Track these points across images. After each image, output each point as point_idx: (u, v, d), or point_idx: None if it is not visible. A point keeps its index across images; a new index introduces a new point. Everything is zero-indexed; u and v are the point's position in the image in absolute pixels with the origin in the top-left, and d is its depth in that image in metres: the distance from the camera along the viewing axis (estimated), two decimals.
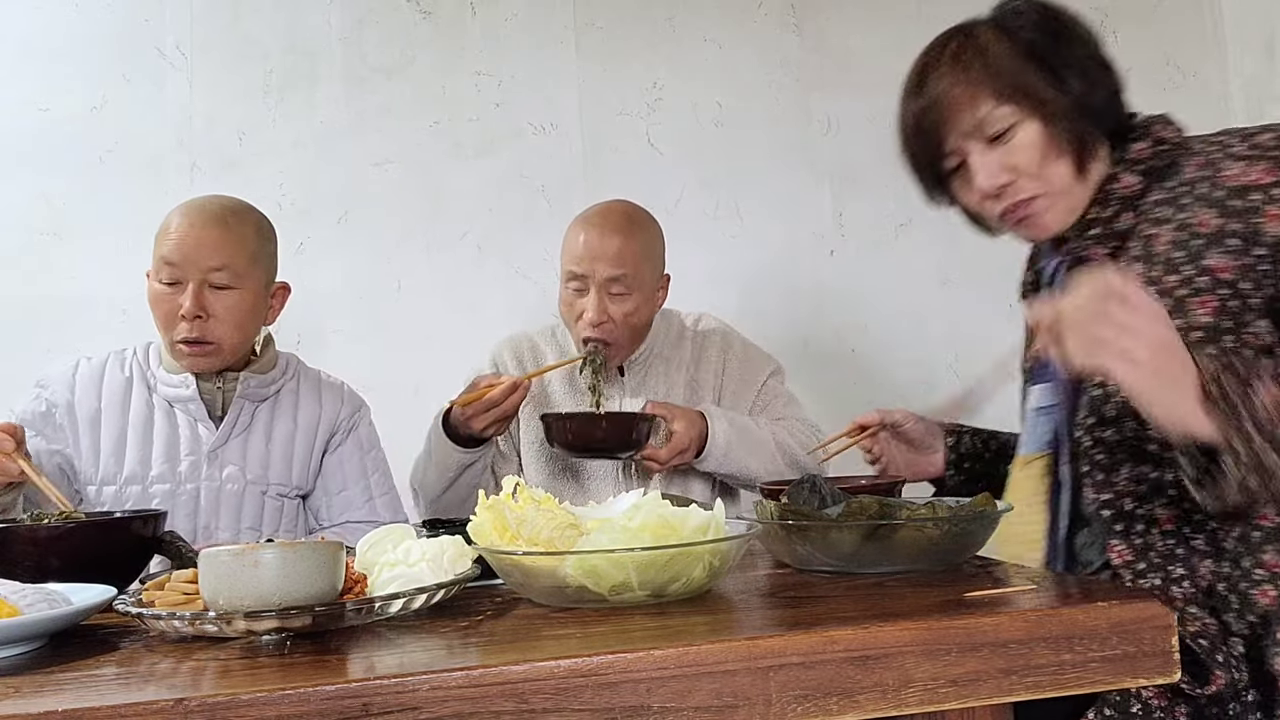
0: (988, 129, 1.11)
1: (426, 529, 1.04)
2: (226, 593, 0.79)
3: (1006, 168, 1.11)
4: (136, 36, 2.19)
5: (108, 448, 1.54)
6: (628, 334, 1.75)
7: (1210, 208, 1.00)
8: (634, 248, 1.72)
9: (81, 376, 1.58)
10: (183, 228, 1.51)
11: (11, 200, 2.11)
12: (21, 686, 0.70)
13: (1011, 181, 1.11)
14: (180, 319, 1.50)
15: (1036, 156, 1.10)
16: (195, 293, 1.50)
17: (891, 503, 0.98)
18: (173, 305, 1.51)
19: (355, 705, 0.64)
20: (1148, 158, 1.09)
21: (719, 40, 2.39)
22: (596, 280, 1.70)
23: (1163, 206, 1.06)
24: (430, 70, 2.28)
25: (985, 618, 0.73)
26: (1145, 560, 1.03)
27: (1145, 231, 1.07)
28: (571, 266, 1.73)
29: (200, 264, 1.50)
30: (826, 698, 0.69)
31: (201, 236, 1.51)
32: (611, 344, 1.74)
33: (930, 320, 2.43)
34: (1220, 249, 0.99)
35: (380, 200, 2.25)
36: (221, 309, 1.52)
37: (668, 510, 0.89)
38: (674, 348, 1.85)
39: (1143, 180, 1.09)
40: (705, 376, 1.83)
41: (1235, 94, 2.39)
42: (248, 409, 1.60)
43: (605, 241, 1.70)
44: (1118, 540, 1.04)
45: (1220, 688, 0.95)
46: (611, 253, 1.69)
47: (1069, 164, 1.10)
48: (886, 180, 2.42)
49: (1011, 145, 1.11)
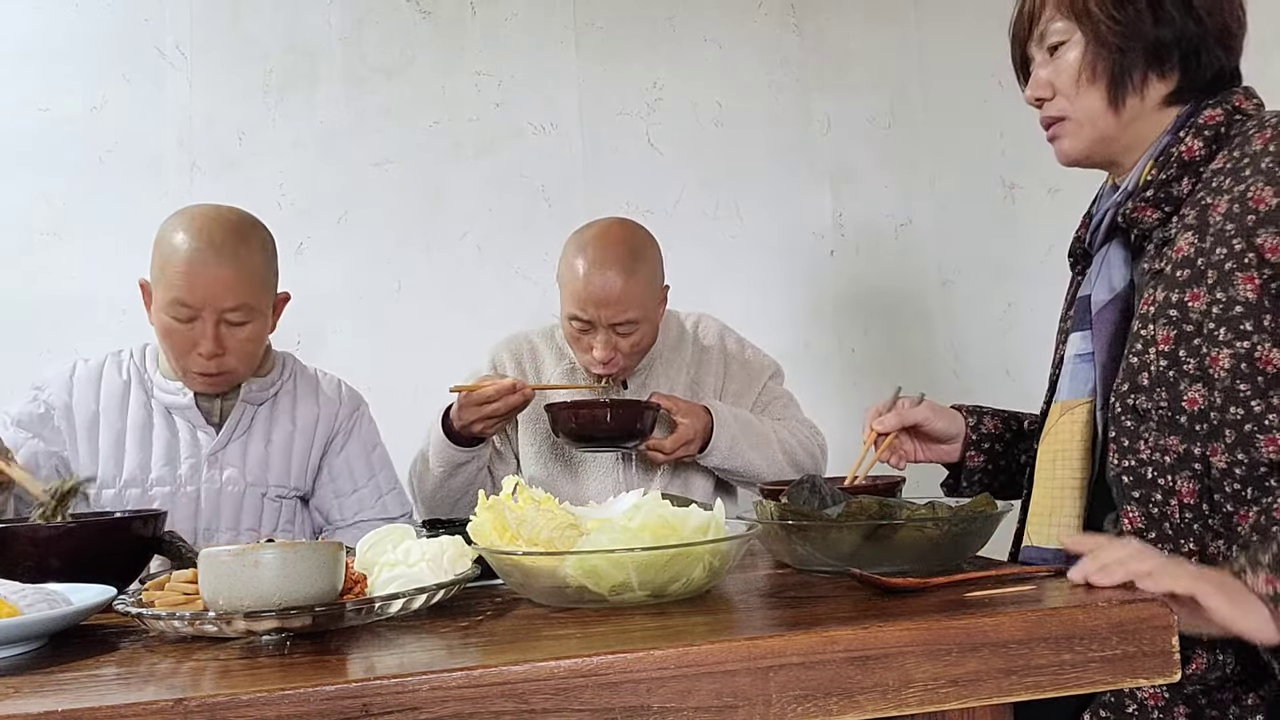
0: (1047, 39, 1.14)
1: (426, 529, 1.04)
2: (226, 593, 0.79)
3: (1047, 82, 1.15)
4: (136, 36, 2.19)
5: (106, 451, 1.54)
6: (635, 360, 1.76)
7: (1270, 185, 0.99)
8: (638, 287, 1.65)
9: (79, 379, 1.58)
10: (194, 265, 1.44)
11: (11, 200, 2.11)
12: (21, 686, 0.70)
13: (1050, 97, 1.15)
14: (197, 355, 1.48)
15: (1073, 77, 1.12)
16: (214, 334, 1.47)
17: (891, 503, 0.98)
18: (187, 339, 1.48)
19: (355, 705, 0.64)
20: (1217, 124, 1.08)
21: (719, 40, 2.39)
22: (602, 324, 1.66)
23: (1223, 176, 1.04)
24: (430, 70, 2.28)
25: (985, 618, 0.73)
26: (1157, 530, 1.02)
27: (1203, 200, 1.05)
28: (575, 310, 1.66)
29: (216, 305, 1.46)
30: (826, 698, 0.69)
31: (216, 276, 1.45)
32: (619, 371, 1.74)
33: (930, 320, 2.43)
34: (1273, 228, 0.98)
35: (380, 200, 2.25)
36: (236, 342, 1.50)
37: (668, 510, 0.89)
38: (674, 350, 1.84)
39: (1206, 147, 1.07)
40: (706, 378, 1.83)
41: None
42: (248, 412, 1.60)
43: (608, 285, 1.63)
44: (1132, 507, 1.03)
45: (1200, 670, 0.95)
46: (615, 297, 1.63)
47: (1101, 94, 1.11)
48: (886, 180, 2.43)
49: (1058, 61, 1.14)
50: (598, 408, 1.62)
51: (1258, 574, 0.89)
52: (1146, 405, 1.04)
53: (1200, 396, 1.00)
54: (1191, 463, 1.01)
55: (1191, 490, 1.01)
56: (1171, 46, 1.09)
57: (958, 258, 2.43)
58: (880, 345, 2.41)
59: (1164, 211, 1.09)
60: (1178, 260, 1.04)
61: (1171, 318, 1.03)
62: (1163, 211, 1.09)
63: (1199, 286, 1.01)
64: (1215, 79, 1.11)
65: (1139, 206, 1.10)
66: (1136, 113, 1.11)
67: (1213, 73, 1.10)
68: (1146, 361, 1.04)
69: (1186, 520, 1.01)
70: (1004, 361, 2.24)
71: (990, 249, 2.44)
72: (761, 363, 1.87)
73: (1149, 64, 1.10)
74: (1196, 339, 1.01)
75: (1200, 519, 1.00)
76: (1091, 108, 1.12)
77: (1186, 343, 1.01)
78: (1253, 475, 0.97)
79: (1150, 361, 1.04)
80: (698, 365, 1.84)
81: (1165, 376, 1.02)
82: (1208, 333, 1.00)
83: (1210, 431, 0.99)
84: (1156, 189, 1.09)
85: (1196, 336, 1.01)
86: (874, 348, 2.40)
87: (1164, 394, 1.02)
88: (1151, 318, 1.05)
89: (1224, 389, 0.98)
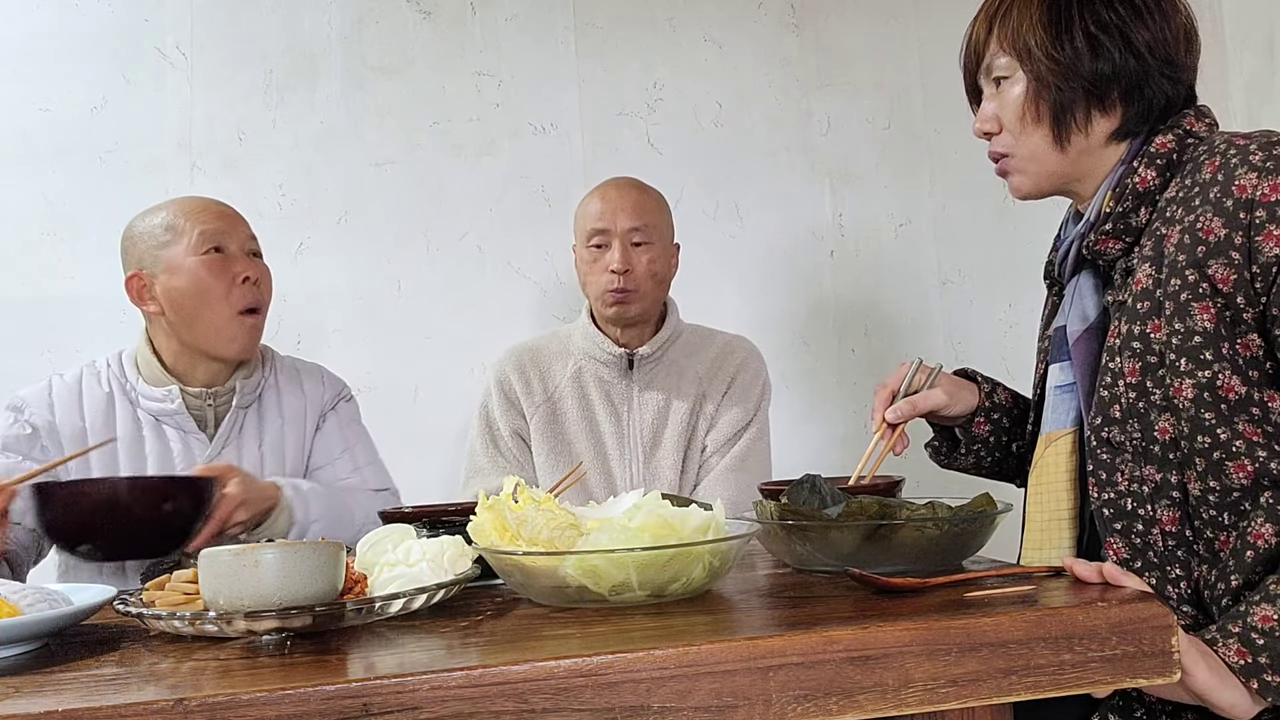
0: (993, 72, 1.15)
1: (426, 529, 1.04)
2: (226, 593, 0.79)
3: (994, 116, 1.15)
4: (136, 36, 2.19)
5: (98, 468, 1.51)
6: (650, 284, 1.80)
7: (1218, 215, 0.99)
8: (649, 202, 1.83)
9: (58, 395, 1.54)
10: (209, 205, 1.59)
11: (11, 200, 2.11)
12: (21, 686, 0.70)
13: (997, 131, 1.15)
14: (237, 287, 1.55)
15: (1017, 114, 1.12)
16: (248, 264, 1.58)
17: (891, 503, 0.98)
18: (226, 272, 1.55)
19: (355, 705, 0.64)
20: (1168, 151, 1.08)
21: (719, 40, 2.39)
22: (618, 232, 1.78)
23: (1175, 206, 1.05)
24: (430, 70, 2.28)
25: (985, 618, 0.73)
26: (1142, 559, 1.03)
27: (1158, 230, 1.06)
28: (592, 224, 1.80)
29: (243, 244, 1.60)
30: (826, 698, 0.69)
31: (238, 217, 1.61)
32: (634, 293, 1.78)
33: (930, 320, 2.43)
34: (1222, 259, 0.98)
35: (380, 200, 2.25)
36: (264, 279, 1.62)
37: (668, 510, 0.89)
38: (690, 358, 1.85)
39: (1159, 176, 1.07)
40: (711, 399, 1.83)
41: (1235, 94, 2.39)
42: (239, 417, 1.59)
43: (623, 196, 1.81)
44: (1115, 539, 1.04)
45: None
46: (630, 205, 1.80)
47: (1045, 134, 1.11)
48: (886, 180, 2.43)
49: (1003, 95, 1.14)
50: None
51: (1229, 645, 0.91)
52: (1120, 437, 1.05)
53: (1170, 426, 1.01)
54: (1170, 491, 1.02)
55: (1173, 518, 1.02)
56: (1111, 83, 1.08)
57: (958, 258, 2.43)
58: (880, 345, 2.41)
59: (1125, 242, 1.10)
60: (1138, 292, 1.05)
61: (1135, 350, 1.04)
62: (1124, 242, 1.10)
63: (1159, 318, 1.02)
64: (1166, 108, 1.10)
65: (1100, 239, 1.11)
66: (1082, 148, 1.11)
67: (1161, 104, 1.10)
68: (1117, 394, 1.05)
69: (1170, 547, 1.02)
70: (1004, 361, 2.23)
71: (990, 249, 2.43)
72: (748, 410, 1.83)
73: (1090, 101, 1.09)
74: (1160, 370, 1.02)
75: (1184, 545, 1.01)
76: (1036, 146, 1.12)
77: (1152, 374, 1.02)
78: (1227, 501, 0.99)
79: (1120, 394, 1.05)
80: (711, 379, 1.83)
81: (1135, 408, 1.03)
82: (1170, 363, 1.01)
83: (1183, 460, 1.00)
84: (1115, 221, 1.09)
85: (1160, 367, 1.02)
86: (874, 348, 2.40)
87: (1136, 425, 1.03)
88: (1118, 350, 1.05)
89: (1189, 418, 0.99)
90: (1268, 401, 0.98)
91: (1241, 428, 0.98)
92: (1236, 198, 0.99)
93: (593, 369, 1.82)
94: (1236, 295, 0.98)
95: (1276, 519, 0.96)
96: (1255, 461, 0.97)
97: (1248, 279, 0.97)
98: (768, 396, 1.87)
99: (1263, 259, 0.97)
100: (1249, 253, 0.97)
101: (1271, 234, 0.96)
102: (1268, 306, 0.97)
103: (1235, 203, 0.98)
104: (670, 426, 1.80)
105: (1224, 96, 2.41)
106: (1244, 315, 0.98)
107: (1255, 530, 0.97)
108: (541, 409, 1.81)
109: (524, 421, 1.83)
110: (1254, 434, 0.97)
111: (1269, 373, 0.99)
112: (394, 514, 1.22)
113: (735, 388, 1.83)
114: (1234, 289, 0.98)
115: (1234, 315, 0.98)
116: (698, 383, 1.83)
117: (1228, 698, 0.89)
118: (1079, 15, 1.08)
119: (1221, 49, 2.41)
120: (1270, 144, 1.00)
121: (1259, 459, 0.97)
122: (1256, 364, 0.98)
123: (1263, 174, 0.98)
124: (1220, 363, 0.98)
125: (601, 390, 1.82)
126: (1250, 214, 0.97)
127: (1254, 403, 0.98)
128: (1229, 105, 2.37)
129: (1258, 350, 0.98)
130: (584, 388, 1.82)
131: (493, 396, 1.85)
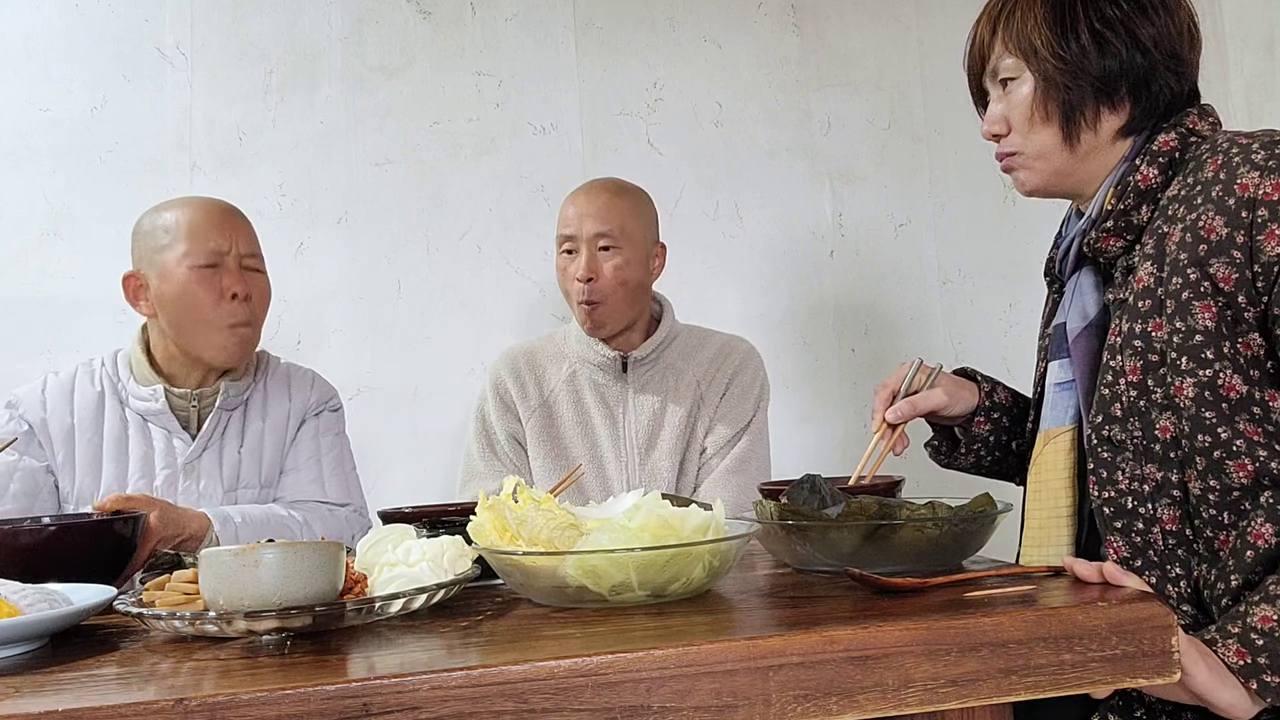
0: (999, 74, 1.15)
1: (426, 529, 1.04)
2: (226, 593, 0.79)
3: (1002, 117, 1.16)
4: (136, 36, 2.19)
5: (83, 465, 1.53)
6: (620, 293, 1.75)
7: (1219, 214, 0.99)
8: (621, 205, 1.77)
9: (51, 393, 1.56)
10: (213, 215, 1.57)
11: (11, 200, 2.12)
12: (21, 686, 0.70)
13: (1005, 133, 1.16)
14: (226, 302, 1.54)
15: (1025, 114, 1.13)
16: (240, 278, 1.57)
17: (891, 503, 0.98)
18: (215, 287, 1.53)
19: (355, 705, 0.64)
20: (1171, 150, 1.08)
21: (719, 40, 2.39)
22: (585, 238, 1.74)
23: (1177, 204, 1.05)
24: (430, 70, 2.28)
25: (985, 618, 0.73)
26: (1143, 558, 1.03)
27: (1160, 229, 1.06)
28: (561, 230, 1.78)
29: (239, 251, 1.59)
30: (826, 698, 0.69)
31: (240, 225, 1.60)
32: (601, 304, 1.74)
33: (930, 320, 2.43)
34: (1224, 258, 0.98)
35: (380, 200, 2.25)
36: (259, 289, 1.61)
37: (668, 510, 0.89)
38: (686, 360, 1.84)
39: (1162, 174, 1.08)
40: (709, 402, 1.82)
41: (1235, 94, 2.39)
42: (223, 418, 1.59)
43: (591, 201, 1.77)
44: (1115, 537, 1.04)
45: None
46: (596, 210, 1.75)
47: (1055, 132, 1.11)
48: (886, 180, 2.43)
49: (1010, 96, 1.14)
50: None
51: (1228, 645, 0.91)
52: (1121, 436, 1.05)
53: (1171, 424, 1.01)
54: (1170, 489, 1.02)
55: (1173, 516, 1.02)
56: (1119, 79, 1.09)
57: (958, 258, 2.43)
58: (880, 345, 2.40)
59: (1126, 240, 1.10)
60: (1139, 290, 1.05)
61: (1137, 348, 1.04)
62: (1125, 240, 1.10)
63: (1160, 316, 1.02)
64: (1171, 104, 1.11)
65: (1101, 236, 1.11)
66: (1091, 146, 1.12)
67: (1167, 99, 1.10)
68: (1118, 392, 1.05)
69: (1170, 546, 1.02)
70: (1004, 361, 2.23)
71: (990, 249, 2.43)
72: (743, 416, 1.83)
73: (1098, 98, 1.10)
74: (1161, 368, 1.02)
75: (1184, 544, 1.02)
76: (1046, 145, 1.13)
77: (1153, 372, 1.02)
78: (1227, 500, 0.99)
79: (1121, 392, 1.05)
80: (709, 383, 1.83)
81: (1136, 406, 1.03)
82: (1171, 362, 1.01)
83: (1183, 459, 1.00)
84: (1116, 219, 1.09)
85: (1161, 366, 1.02)
86: (874, 347, 2.40)
87: (1137, 423, 1.03)
88: (1119, 348, 1.06)
89: (1190, 417, 0.99)
90: (1268, 401, 0.98)
91: (1242, 427, 0.98)
92: (1239, 196, 0.99)
93: (587, 372, 1.82)
94: (1238, 294, 0.98)
95: (1277, 518, 0.96)
96: (1255, 461, 0.97)
97: (1249, 278, 0.98)
98: (766, 397, 1.87)
99: (1264, 258, 0.97)
100: (1250, 252, 0.97)
101: (1273, 233, 0.96)
102: (1269, 306, 0.97)
103: (1237, 201, 0.98)
104: (666, 429, 1.79)
105: (1224, 96, 2.41)
106: (1245, 314, 0.98)
107: (1255, 530, 0.97)
108: (537, 413, 1.81)
109: (520, 425, 1.83)
110: (1254, 433, 0.97)
111: (1270, 372, 0.99)
112: (394, 514, 1.22)
113: (733, 389, 1.82)
114: (1235, 288, 0.98)
115: (1235, 314, 0.98)
116: (695, 385, 1.82)
117: (1227, 698, 0.89)
118: (1084, 13, 1.09)
119: (1221, 49, 2.41)
120: (1273, 143, 1.00)
121: (1259, 458, 0.97)
122: (1257, 363, 0.98)
123: (1265, 173, 0.98)
124: (1221, 362, 0.98)
125: (596, 393, 1.81)
126: (1252, 213, 0.98)
127: (1255, 402, 0.98)
128: (1229, 105, 2.37)
129: (1259, 349, 0.98)
130: (579, 391, 1.82)
131: (488, 400, 1.85)
